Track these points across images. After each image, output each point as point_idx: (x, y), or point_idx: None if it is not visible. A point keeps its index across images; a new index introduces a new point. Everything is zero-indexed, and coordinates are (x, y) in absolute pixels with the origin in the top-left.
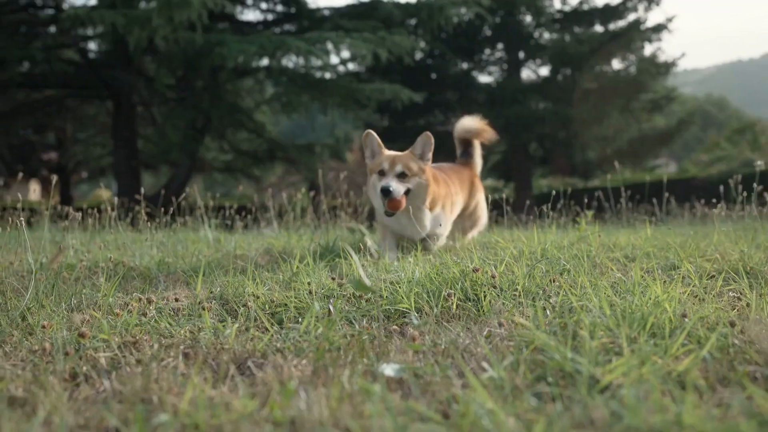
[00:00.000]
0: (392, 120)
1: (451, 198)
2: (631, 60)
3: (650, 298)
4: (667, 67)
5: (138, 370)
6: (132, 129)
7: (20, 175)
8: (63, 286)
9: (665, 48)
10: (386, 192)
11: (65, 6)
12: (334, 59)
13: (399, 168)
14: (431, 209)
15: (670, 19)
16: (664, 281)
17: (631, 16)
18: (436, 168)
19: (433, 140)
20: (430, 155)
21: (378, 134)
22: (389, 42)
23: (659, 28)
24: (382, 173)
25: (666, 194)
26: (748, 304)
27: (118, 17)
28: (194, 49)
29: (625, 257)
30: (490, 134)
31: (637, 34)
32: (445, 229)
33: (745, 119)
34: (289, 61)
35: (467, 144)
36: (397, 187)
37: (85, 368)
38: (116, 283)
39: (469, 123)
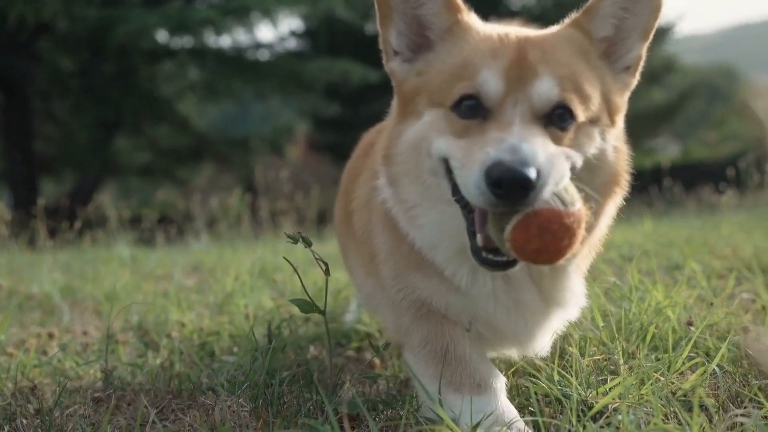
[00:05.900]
0: (343, 106)
1: None
2: None
3: (650, 305)
4: (664, 32)
5: (36, 421)
6: (28, 127)
7: None
8: None
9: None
10: (516, 186)
11: None
12: (267, 34)
13: (550, 88)
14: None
15: None
16: (667, 284)
17: None
18: None
19: None
20: (642, 51)
21: (324, 125)
22: None
23: None
24: (473, 105)
25: (668, 181)
26: (764, 307)
27: None
28: (89, 26)
29: (620, 257)
30: None
31: None
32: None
33: (757, 90)
34: (212, 39)
35: None
36: (551, 164)
37: None
38: (10, 316)
39: None
